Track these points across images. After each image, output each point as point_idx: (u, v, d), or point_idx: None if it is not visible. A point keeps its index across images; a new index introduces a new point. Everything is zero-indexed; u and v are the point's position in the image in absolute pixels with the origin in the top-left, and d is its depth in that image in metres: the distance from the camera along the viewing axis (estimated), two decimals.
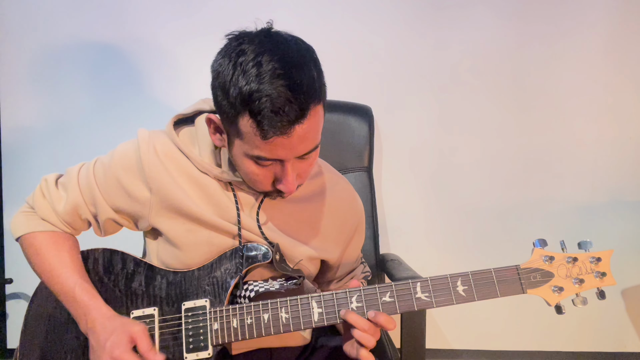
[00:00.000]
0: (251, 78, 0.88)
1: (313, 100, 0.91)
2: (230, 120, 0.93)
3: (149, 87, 1.95)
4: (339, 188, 1.20)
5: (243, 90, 0.88)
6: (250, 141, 0.92)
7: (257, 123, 0.89)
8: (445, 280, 0.98)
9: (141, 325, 1.00)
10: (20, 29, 1.93)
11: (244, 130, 0.92)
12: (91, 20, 1.92)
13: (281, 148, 0.92)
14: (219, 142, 1.03)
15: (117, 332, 0.98)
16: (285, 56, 0.90)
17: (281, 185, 0.99)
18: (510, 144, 1.98)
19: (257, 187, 1.03)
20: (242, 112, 0.90)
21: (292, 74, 0.88)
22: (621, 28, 1.91)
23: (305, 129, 0.91)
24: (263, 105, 0.87)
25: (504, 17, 1.91)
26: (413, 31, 1.92)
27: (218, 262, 1.07)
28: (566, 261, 0.98)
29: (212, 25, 1.89)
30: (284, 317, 0.99)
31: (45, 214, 1.10)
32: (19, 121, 1.96)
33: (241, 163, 0.98)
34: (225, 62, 0.92)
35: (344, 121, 1.72)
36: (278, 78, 0.88)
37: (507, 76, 1.94)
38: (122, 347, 0.96)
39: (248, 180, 1.02)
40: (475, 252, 2.01)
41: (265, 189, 1.02)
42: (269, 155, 0.93)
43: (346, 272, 1.27)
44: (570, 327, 2.06)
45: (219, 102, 0.94)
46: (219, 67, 0.93)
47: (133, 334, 0.97)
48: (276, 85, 0.87)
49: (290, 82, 0.88)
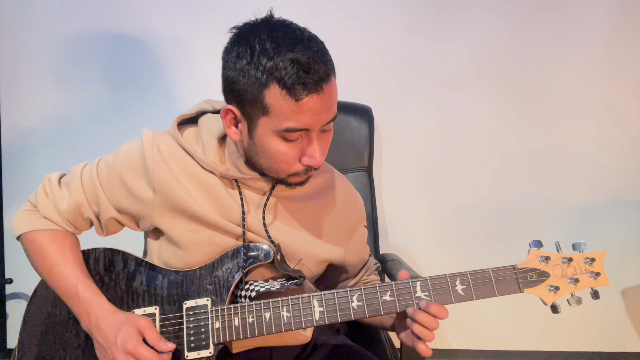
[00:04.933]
0: (271, 53, 0.92)
1: (332, 66, 0.96)
2: (254, 99, 0.95)
3: (153, 87, 1.95)
4: (339, 186, 1.22)
5: (267, 64, 0.92)
6: (279, 113, 0.94)
7: (287, 89, 0.92)
8: (445, 280, 0.99)
9: (146, 317, 1.01)
10: (21, 27, 1.93)
11: (271, 102, 0.94)
12: (94, 19, 1.92)
13: (310, 113, 0.94)
14: (236, 136, 1.03)
15: (124, 327, 0.98)
16: (296, 31, 0.96)
17: (309, 159, 0.99)
18: (510, 144, 1.98)
19: (283, 169, 1.02)
20: (269, 84, 0.93)
21: (309, 43, 0.95)
22: (621, 28, 1.91)
23: (331, 91, 0.96)
24: (291, 71, 0.91)
25: (505, 18, 1.91)
26: (413, 31, 1.92)
27: (220, 261, 1.07)
28: (561, 261, 1.00)
29: (213, 26, 1.90)
30: (285, 316, 1.00)
31: (48, 213, 1.11)
32: (20, 121, 1.96)
33: (267, 145, 0.98)
34: (240, 47, 0.96)
35: (344, 121, 1.72)
36: (297, 44, 0.93)
37: (507, 76, 1.95)
38: (134, 340, 0.96)
39: (274, 163, 1.01)
40: (476, 252, 2.01)
41: (291, 169, 1.01)
42: (297, 125, 0.95)
43: (359, 269, 1.28)
44: (570, 327, 2.06)
45: (239, 85, 0.96)
46: (234, 52, 0.97)
47: (140, 326, 0.98)
48: (297, 51, 0.92)
49: (309, 47, 0.94)
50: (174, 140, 1.10)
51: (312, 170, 1.03)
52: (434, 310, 0.96)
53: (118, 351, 0.96)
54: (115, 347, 0.97)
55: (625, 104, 1.96)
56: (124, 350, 0.96)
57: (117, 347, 0.96)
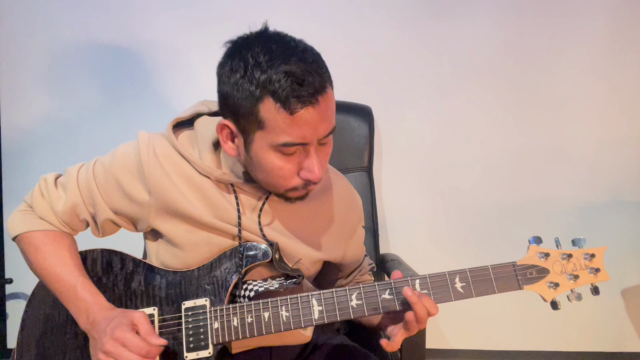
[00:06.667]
0: (264, 66, 0.90)
1: (328, 76, 0.95)
2: (248, 114, 0.93)
3: (150, 88, 1.96)
4: (338, 187, 1.21)
5: (260, 78, 0.90)
6: (275, 127, 0.92)
7: (281, 102, 0.90)
8: (444, 277, 0.99)
9: (141, 311, 1.00)
10: (21, 29, 1.94)
11: (266, 116, 0.92)
12: (93, 21, 1.93)
13: (306, 126, 0.92)
14: (232, 151, 1.01)
15: (117, 317, 0.98)
16: (290, 43, 0.94)
17: (308, 173, 0.97)
18: (510, 144, 1.98)
19: (280, 184, 1.00)
20: (263, 98, 0.91)
21: (303, 54, 0.92)
22: (621, 28, 1.91)
23: (327, 103, 0.94)
24: (285, 83, 0.89)
25: (505, 18, 1.92)
26: (413, 31, 1.93)
27: (218, 261, 1.07)
28: (561, 258, 0.99)
29: (211, 30, 1.90)
30: (284, 316, 1.00)
31: (44, 213, 1.10)
32: (19, 121, 1.97)
33: (264, 160, 0.97)
34: (233, 60, 0.94)
35: (344, 121, 1.72)
36: (291, 56, 0.91)
37: (507, 76, 1.95)
38: (123, 327, 0.95)
39: (271, 179, 1.00)
40: (476, 252, 2.01)
41: (289, 184, 1.00)
42: (294, 139, 0.93)
43: (353, 268, 1.28)
44: (570, 327, 2.06)
45: (234, 100, 0.94)
46: (228, 67, 0.95)
47: (133, 319, 0.97)
48: (291, 63, 0.90)
49: (303, 59, 0.92)
50: (170, 144, 1.09)
51: (312, 185, 1.01)
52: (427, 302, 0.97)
53: (107, 339, 0.95)
54: (104, 335, 0.96)
55: (625, 104, 1.96)
56: (111, 337, 0.95)
57: (106, 335, 0.95)
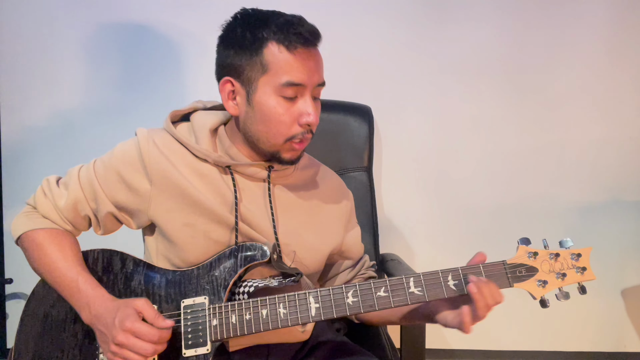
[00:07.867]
0: (265, 20, 1.03)
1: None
2: (253, 62, 1.03)
3: (153, 89, 1.96)
4: (328, 177, 1.27)
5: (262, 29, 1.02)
6: (278, 68, 1.02)
7: (283, 41, 1.01)
8: (437, 275, 1.01)
9: (143, 298, 1.03)
10: (21, 28, 1.93)
11: (269, 59, 1.02)
12: (93, 20, 1.93)
13: (304, 68, 1.02)
14: (234, 109, 1.08)
15: (122, 308, 0.99)
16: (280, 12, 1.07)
17: (306, 116, 1.04)
18: (510, 143, 1.98)
19: (281, 132, 1.05)
20: (267, 43, 1.02)
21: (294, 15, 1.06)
22: (621, 28, 1.91)
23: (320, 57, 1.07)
24: (285, 28, 1.01)
25: (505, 17, 1.92)
26: (413, 31, 1.93)
27: (217, 260, 1.08)
28: (549, 257, 1.02)
29: (216, 30, 1.91)
30: (282, 313, 1.01)
31: (47, 211, 1.12)
32: (19, 121, 1.97)
33: (266, 106, 1.03)
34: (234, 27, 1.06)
35: (344, 121, 1.72)
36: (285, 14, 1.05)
37: (507, 76, 1.95)
38: (132, 317, 0.97)
39: (272, 126, 1.05)
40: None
41: (290, 132, 1.05)
42: (294, 79, 1.02)
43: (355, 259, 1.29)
44: (570, 327, 2.06)
45: (238, 55, 1.04)
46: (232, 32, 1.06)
47: (137, 306, 0.99)
48: (287, 16, 1.04)
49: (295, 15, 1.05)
50: (168, 134, 1.14)
51: (309, 134, 1.07)
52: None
53: (117, 331, 0.97)
54: (114, 327, 0.97)
55: (625, 104, 1.96)
56: (122, 329, 0.96)
57: (115, 328, 0.97)
